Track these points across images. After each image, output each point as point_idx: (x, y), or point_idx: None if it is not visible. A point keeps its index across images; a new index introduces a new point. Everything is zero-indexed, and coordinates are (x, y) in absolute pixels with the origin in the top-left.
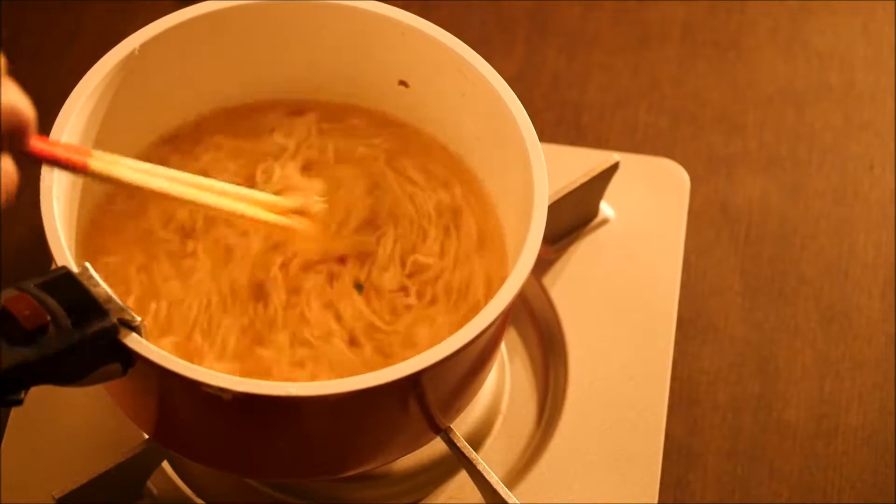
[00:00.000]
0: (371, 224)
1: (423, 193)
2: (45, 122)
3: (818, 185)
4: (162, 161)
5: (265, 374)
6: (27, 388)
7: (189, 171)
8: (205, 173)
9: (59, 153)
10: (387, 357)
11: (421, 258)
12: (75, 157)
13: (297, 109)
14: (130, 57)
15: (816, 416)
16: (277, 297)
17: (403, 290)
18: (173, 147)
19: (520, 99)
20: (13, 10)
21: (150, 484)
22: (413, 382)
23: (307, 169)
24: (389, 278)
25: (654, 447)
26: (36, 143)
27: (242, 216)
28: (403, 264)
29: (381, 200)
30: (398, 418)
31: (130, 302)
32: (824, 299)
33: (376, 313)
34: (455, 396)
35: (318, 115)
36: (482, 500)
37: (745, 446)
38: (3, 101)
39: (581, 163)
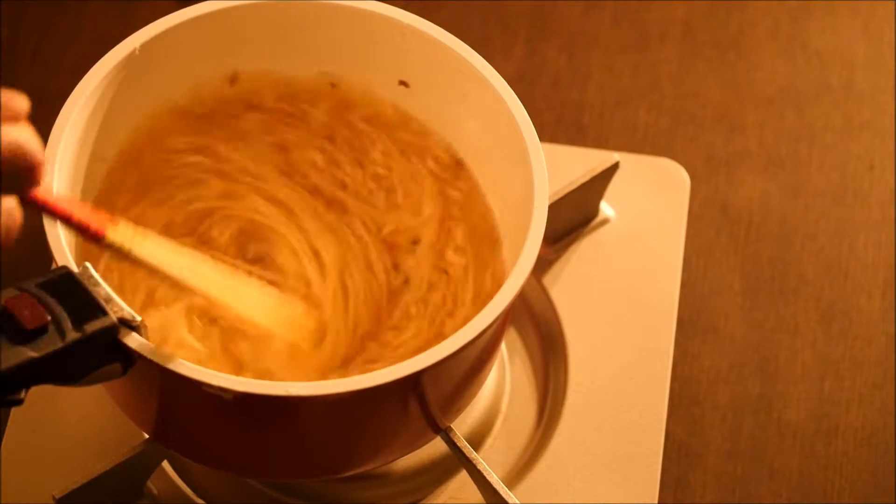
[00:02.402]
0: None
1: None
2: (46, 122)
3: (818, 185)
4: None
5: None
6: (27, 388)
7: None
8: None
9: (77, 214)
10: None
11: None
12: (94, 223)
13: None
14: (130, 57)
15: (816, 416)
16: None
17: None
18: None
19: (520, 99)
20: (13, 10)
21: (150, 484)
22: (413, 382)
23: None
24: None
25: (654, 447)
26: (50, 198)
27: (249, 320)
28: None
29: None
30: (398, 418)
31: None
32: (824, 299)
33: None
34: (455, 396)
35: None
36: (482, 500)
37: (745, 446)
38: (9, 138)
39: (581, 163)
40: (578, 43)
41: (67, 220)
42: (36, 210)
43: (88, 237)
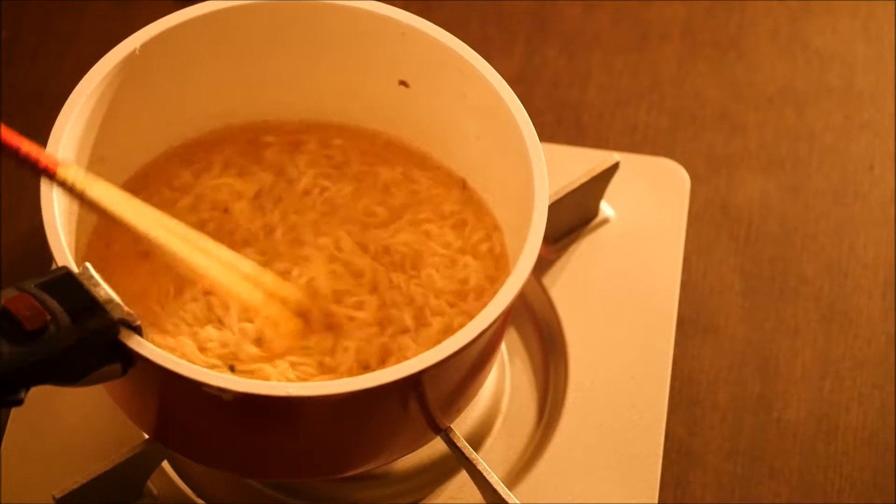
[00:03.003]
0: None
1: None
2: (46, 122)
3: (818, 185)
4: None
5: None
6: (27, 388)
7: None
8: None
9: (25, 146)
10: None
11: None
12: (44, 158)
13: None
14: (130, 57)
15: (816, 416)
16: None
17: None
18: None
19: (520, 99)
20: (13, 10)
21: (150, 484)
22: (413, 382)
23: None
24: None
25: (654, 447)
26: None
27: (217, 283)
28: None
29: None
30: (398, 418)
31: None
32: (824, 299)
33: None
34: (455, 396)
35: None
36: (482, 500)
37: (745, 446)
38: None
39: (581, 163)
40: (578, 43)
41: (16, 152)
42: None
43: (38, 171)
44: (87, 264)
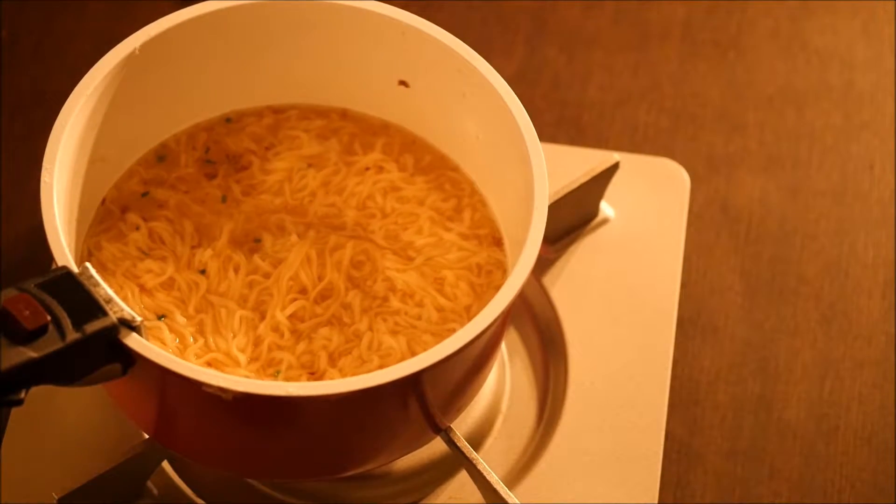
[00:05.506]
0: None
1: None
2: (45, 122)
3: (818, 185)
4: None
5: None
6: (27, 388)
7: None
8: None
9: None
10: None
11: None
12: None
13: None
14: (130, 57)
15: (816, 416)
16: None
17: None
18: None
19: (520, 99)
20: (13, 10)
21: (150, 484)
22: (413, 382)
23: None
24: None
25: (654, 447)
26: None
27: None
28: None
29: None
30: (398, 418)
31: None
32: (824, 299)
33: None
34: (455, 396)
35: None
36: (482, 500)
37: (745, 446)
38: None
39: (581, 163)
40: (578, 43)
41: None
42: None
43: None
44: (87, 264)
